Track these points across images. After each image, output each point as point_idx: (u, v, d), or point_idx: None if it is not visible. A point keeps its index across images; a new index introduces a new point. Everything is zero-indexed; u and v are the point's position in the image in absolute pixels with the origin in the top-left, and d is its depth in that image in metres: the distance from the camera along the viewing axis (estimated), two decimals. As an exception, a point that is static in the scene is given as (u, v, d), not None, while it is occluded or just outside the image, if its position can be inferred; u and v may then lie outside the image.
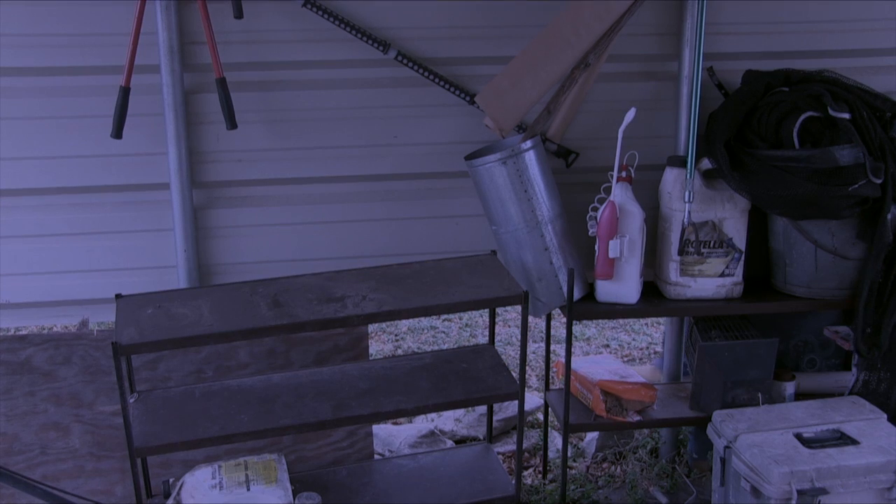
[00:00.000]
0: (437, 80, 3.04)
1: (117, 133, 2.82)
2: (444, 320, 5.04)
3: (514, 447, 3.54)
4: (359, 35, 2.95)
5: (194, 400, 2.74)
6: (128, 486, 2.96)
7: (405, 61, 3.00)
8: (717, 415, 2.90)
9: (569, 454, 3.23)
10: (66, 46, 2.89)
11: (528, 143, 2.90)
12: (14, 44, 2.87)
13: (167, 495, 2.67)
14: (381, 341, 4.78)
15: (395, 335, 4.86)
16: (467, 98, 3.06)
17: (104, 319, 3.30)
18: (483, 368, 2.87)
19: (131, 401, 2.67)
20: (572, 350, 3.06)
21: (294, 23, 2.95)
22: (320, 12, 2.91)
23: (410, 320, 4.91)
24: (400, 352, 4.66)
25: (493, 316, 3.08)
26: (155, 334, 2.45)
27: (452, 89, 3.06)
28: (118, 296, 2.70)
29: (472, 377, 2.83)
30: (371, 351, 3.47)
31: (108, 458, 3.02)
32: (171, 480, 2.70)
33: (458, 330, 4.95)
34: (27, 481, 2.21)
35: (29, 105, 2.93)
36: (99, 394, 3.00)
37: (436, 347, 4.70)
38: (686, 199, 2.97)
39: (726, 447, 2.77)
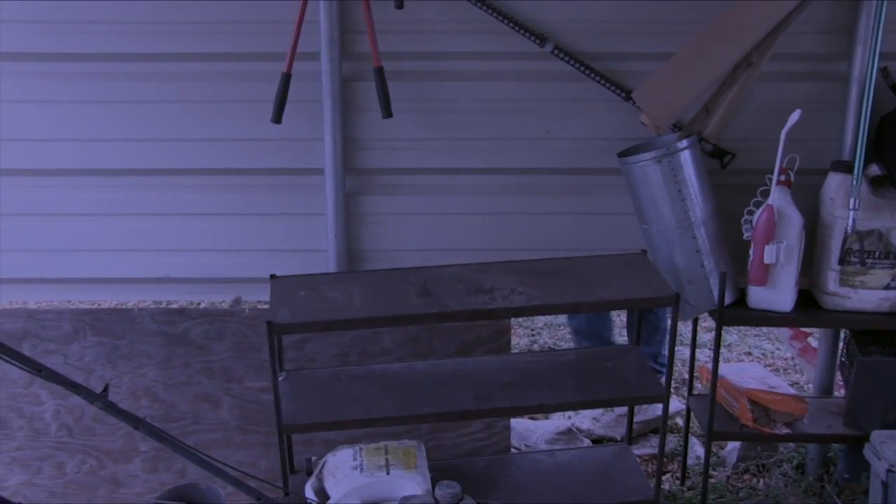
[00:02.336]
0: (592, 75, 2.99)
1: (277, 118, 2.89)
2: (580, 318, 4.98)
3: (651, 450, 3.48)
4: (516, 27, 2.94)
5: (340, 382, 2.80)
6: (272, 461, 3.05)
7: (561, 55, 2.97)
8: (877, 435, 2.75)
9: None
10: (232, 33, 2.99)
11: (685, 143, 2.83)
12: (183, 31, 2.98)
13: (309, 472, 2.73)
14: (517, 335, 4.76)
15: (532, 330, 4.83)
16: (622, 94, 3.01)
17: (253, 298, 3.41)
18: (627, 369, 2.82)
19: (280, 379, 2.74)
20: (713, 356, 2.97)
21: (452, 14, 2.96)
22: (479, 4, 2.92)
23: (547, 316, 4.87)
24: (536, 347, 4.64)
25: (640, 316, 3.02)
26: (308, 316, 2.51)
27: (608, 85, 3.01)
28: (273, 276, 2.77)
29: (616, 377, 2.78)
30: (509, 344, 3.45)
31: (254, 433, 3.12)
32: (313, 458, 2.77)
33: (595, 328, 4.88)
34: (186, 448, 2.30)
35: (192, 89, 3.05)
36: (248, 370, 3.10)
37: (572, 345, 4.65)
38: (851, 207, 2.83)
39: (888, 471, 2.62)
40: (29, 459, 3.05)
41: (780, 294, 2.91)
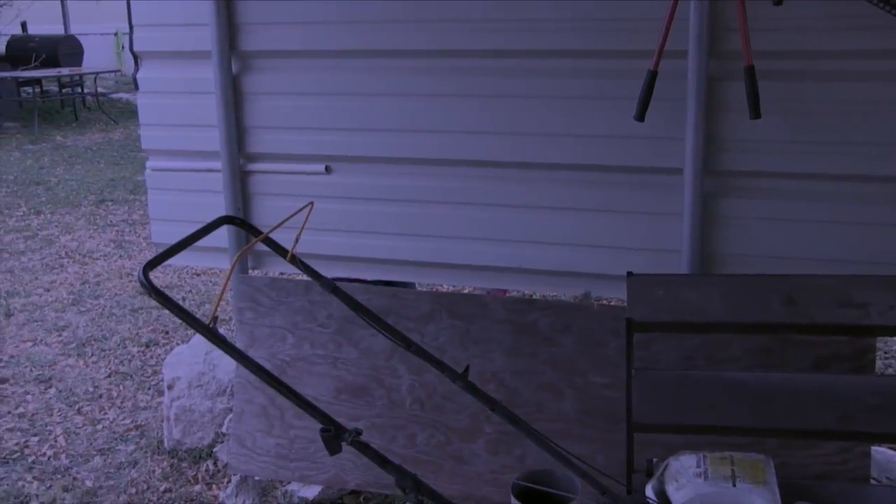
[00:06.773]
0: None
1: (641, 116, 2.87)
2: (943, 343, 4.54)
3: None
4: (907, 23, 2.72)
5: (687, 385, 2.74)
6: (608, 457, 3.05)
7: (959, 52, 2.71)
8: None
9: None
10: (602, 31, 3.03)
11: None
12: (553, 28, 3.07)
13: (649, 474, 2.70)
14: (867, 356, 4.42)
15: (885, 352, 4.47)
16: None
17: (600, 293, 3.44)
18: None
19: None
20: None
21: (834, 9, 2.79)
22: (867, -2, 2.73)
23: (902, 338, 4.49)
24: (891, 371, 4.28)
25: None
26: (666, 315, 2.48)
27: None
28: (629, 274, 2.77)
29: None
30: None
31: (592, 427, 3.14)
32: (654, 460, 2.73)
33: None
34: (537, 434, 2.38)
35: (559, 84, 3.13)
36: (592, 364, 3.13)
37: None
38: None
39: None
40: (386, 427, 3.29)
41: None
